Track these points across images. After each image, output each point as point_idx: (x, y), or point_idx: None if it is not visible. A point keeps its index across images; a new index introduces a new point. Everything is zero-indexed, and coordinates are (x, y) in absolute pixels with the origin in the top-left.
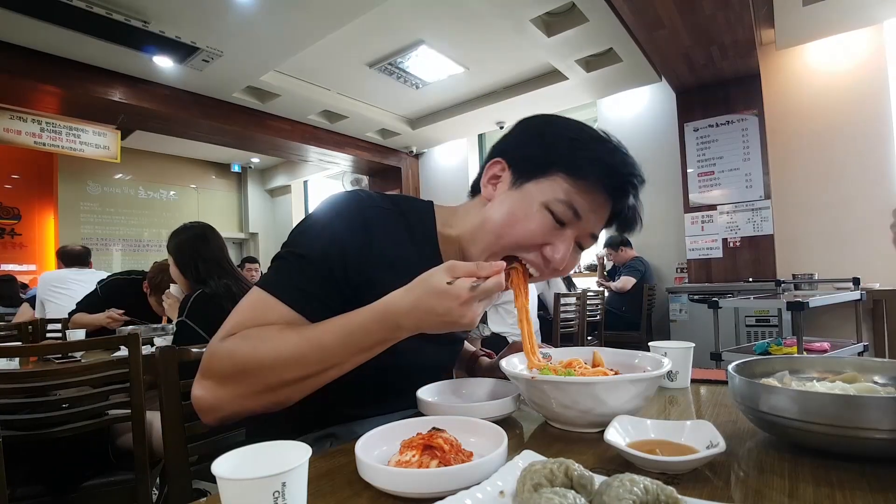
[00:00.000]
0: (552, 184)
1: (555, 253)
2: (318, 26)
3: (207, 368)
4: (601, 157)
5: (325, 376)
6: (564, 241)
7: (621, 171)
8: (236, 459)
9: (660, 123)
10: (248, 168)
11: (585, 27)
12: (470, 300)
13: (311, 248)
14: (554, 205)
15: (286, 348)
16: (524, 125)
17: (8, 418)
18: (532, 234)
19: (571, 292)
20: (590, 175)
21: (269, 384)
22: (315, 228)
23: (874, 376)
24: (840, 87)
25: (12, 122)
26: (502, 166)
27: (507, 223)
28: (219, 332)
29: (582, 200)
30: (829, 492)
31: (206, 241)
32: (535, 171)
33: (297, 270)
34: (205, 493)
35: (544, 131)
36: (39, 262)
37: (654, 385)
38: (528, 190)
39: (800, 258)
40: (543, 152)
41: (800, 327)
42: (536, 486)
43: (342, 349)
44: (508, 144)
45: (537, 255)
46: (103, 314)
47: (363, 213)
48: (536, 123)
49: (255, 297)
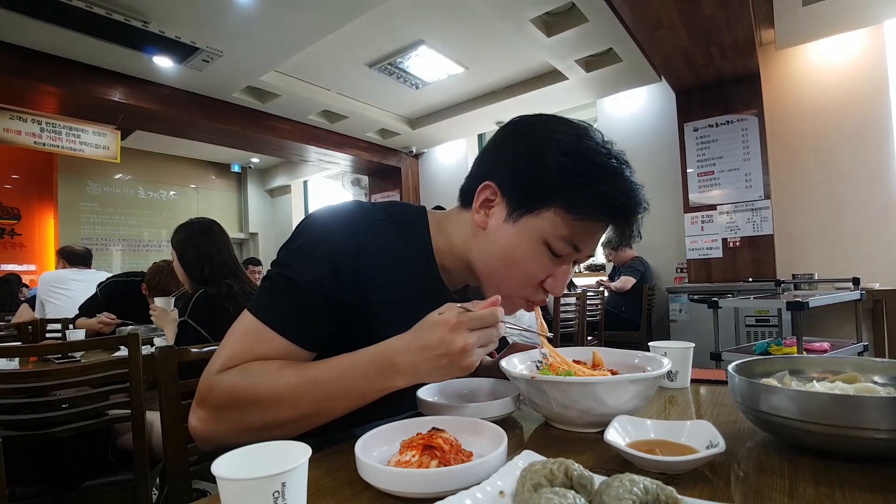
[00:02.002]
0: (552, 220)
1: (555, 286)
2: (318, 26)
3: (204, 400)
4: (607, 194)
5: (319, 418)
6: (563, 273)
7: (627, 206)
8: (236, 459)
9: (660, 123)
10: (248, 168)
11: (585, 27)
12: (458, 325)
13: (304, 272)
14: (554, 242)
15: (283, 388)
16: (514, 139)
17: (8, 418)
18: (533, 273)
19: (571, 292)
20: (594, 212)
21: (266, 422)
22: (307, 249)
23: (874, 376)
24: (840, 86)
25: (12, 122)
26: (493, 190)
27: (507, 264)
28: (214, 362)
29: (583, 233)
30: (829, 492)
31: (212, 236)
32: (532, 204)
33: (290, 297)
34: (205, 493)
35: (540, 156)
36: (39, 262)
37: (653, 385)
38: (525, 226)
39: (800, 258)
40: (540, 183)
41: (800, 327)
42: (536, 486)
43: (336, 392)
44: (501, 165)
45: (537, 289)
46: (95, 319)
47: (357, 230)
48: (529, 141)
49: (249, 326)
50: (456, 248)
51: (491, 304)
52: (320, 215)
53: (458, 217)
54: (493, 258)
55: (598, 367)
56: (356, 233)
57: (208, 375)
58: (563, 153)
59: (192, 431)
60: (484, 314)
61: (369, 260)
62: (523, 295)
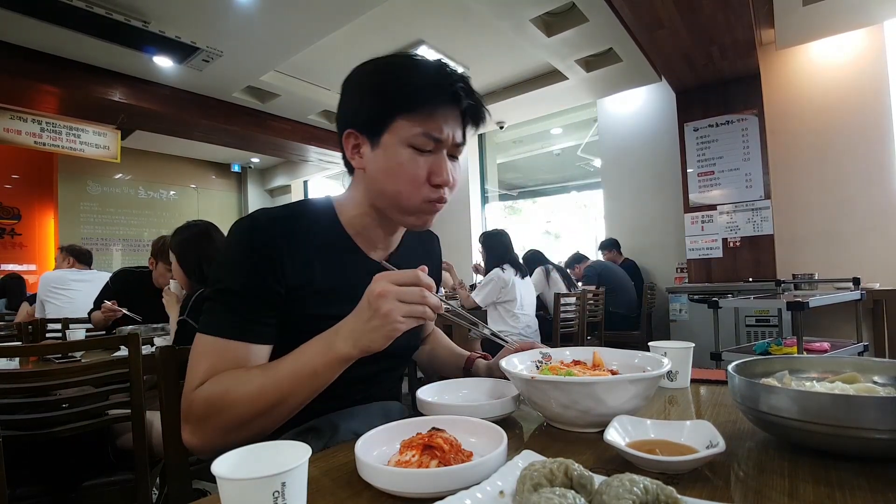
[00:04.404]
0: (402, 126)
1: (440, 175)
2: (318, 26)
3: (188, 416)
4: (424, 85)
5: (287, 406)
6: (441, 162)
7: (445, 84)
8: (236, 459)
9: (660, 123)
10: (248, 168)
11: (585, 27)
12: (383, 292)
13: (233, 280)
14: (414, 140)
15: (252, 385)
16: (348, 87)
17: (8, 418)
18: (416, 173)
19: (571, 292)
20: (425, 103)
21: (242, 419)
22: (229, 261)
23: (874, 376)
24: (840, 86)
25: (12, 122)
26: (354, 134)
27: (390, 180)
28: (189, 383)
29: (433, 123)
30: (829, 492)
31: (210, 239)
32: (383, 124)
33: (229, 305)
34: (205, 493)
35: (370, 85)
36: (39, 262)
37: (653, 385)
38: (387, 143)
39: (800, 258)
40: (379, 106)
41: (800, 327)
42: (536, 486)
43: (295, 372)
44: (348, 113)
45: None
46: (100, 312)
47: (264, 228)
48: (358, 82)
49: (206, 344)
50: (360, 208)
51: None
52: (233, 231)
53: (351, 183)
54: (381, 183)
55: (598, 367)
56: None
57: (186, 394)
58: (374, 73)
59: (187, 445)
60: (404, 273)
61: (283, 250)
62: (422, 198)
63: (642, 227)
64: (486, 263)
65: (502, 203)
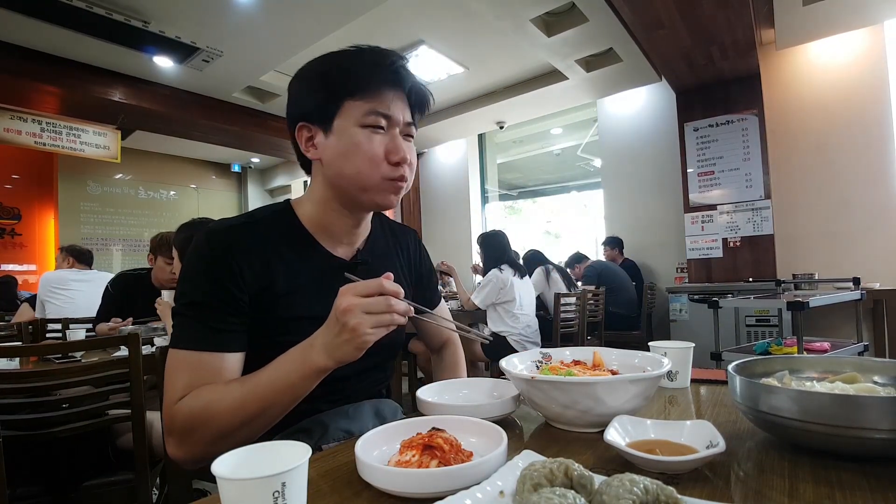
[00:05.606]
0: (351, 107)
1: (398, 153)
2: (318, 26)
3: (171, 429)
4: (364, 68)
5: (267, 417)
6: (394, 139)
7: (385, 64)
8: (236, 459)
9: (660, 123)
10: (248, 168)
11: (585, 27)
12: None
13: (197, 293)
14: (366, 119)
15: (231, 398)
16: (295, 85)
17: (8, 418)
18: (373, 152)
19: (571, 292)
20: (369, 84)
21: (223, 432)
22: (191, 275)
23: (874, 376)
24: (840, 86)
25: (12, 122)
26: (307, 127)
27: (348, 161)
28: (170, 398)
29: (380, 101)
30: (829, 492)
31: None
32: (333, 109)
33: (197, 318)
34: (205, 493)
35: (315, 76)
36: (39, 262)
37: (653, 385)
38: (339, 127)
39: (800, 258)
40: (326, 94)
41: (800, 327)
42: (536, 486)
43: (273, 382)
44: (297, 107)
45: (391, 168)
46: (106, 326)
47: (220, 242)
48: (304, 77)
49: (180, 359)
50: (320, 201)
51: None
52: (193, 244)
53: (313, 180)
54: (339, 166)
55: (598, 367)
56: (219, 241)
57: (168, 408)
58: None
59: (172, 457)
60: (368, 283)
61: (240, 257)
62: (382, 175)
63: (642, 227)
64: (484, 264)
65: (502, 203)
